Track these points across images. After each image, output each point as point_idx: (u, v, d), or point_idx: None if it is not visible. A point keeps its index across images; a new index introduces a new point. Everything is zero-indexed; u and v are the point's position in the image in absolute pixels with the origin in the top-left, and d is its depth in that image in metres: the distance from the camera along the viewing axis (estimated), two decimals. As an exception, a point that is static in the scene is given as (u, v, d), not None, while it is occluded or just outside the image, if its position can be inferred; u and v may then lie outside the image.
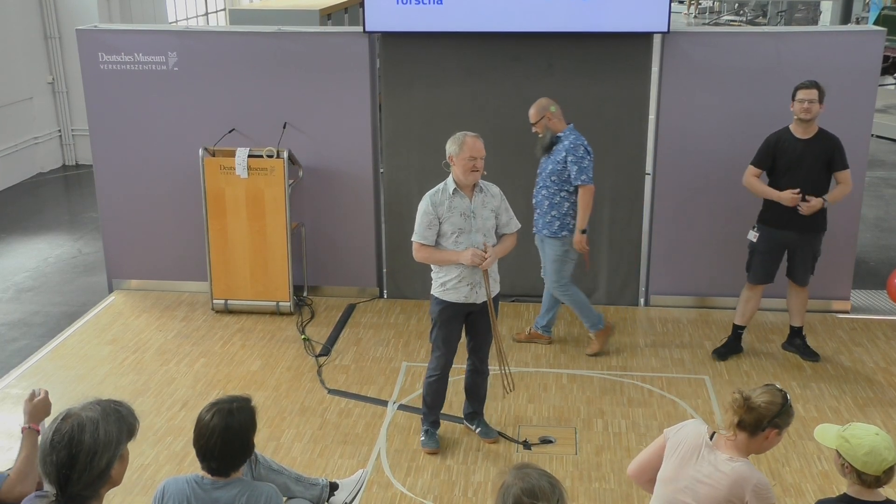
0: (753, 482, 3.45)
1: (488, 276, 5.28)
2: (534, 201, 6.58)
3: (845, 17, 17.25)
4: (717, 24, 24.82)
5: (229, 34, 7.70)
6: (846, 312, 7.43)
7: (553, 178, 6.39)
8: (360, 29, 7.20)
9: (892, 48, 14.43)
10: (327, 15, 13.00)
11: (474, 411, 5.70)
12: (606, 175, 7.36)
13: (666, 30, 6.89)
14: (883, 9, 16.27)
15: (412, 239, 5.33)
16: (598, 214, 7.43)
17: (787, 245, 6.39)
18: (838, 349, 6.83)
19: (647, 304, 7.62)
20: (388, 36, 7.25)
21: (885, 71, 14.71)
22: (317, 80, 7.31)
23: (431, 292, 5.41)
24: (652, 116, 7.35)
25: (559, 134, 6.41)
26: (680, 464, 3.61)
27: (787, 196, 6.17)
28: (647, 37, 7.09)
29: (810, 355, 6.62)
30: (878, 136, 12.60)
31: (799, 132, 6.22)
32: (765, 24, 22.74)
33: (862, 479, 3.37)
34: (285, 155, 7.17)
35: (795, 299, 6.59)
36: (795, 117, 6.19)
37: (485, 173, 5.30)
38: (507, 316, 7.35)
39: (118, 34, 7.52)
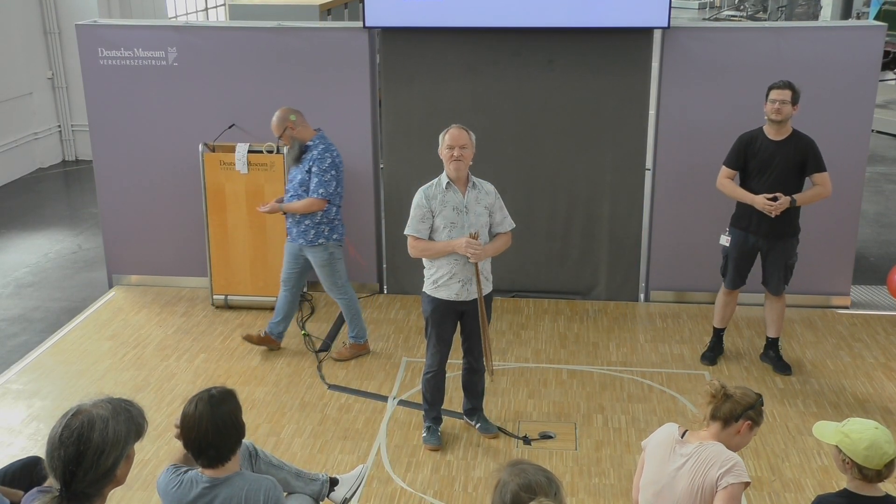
0: (723, 458, 3.45)
1: (479, 273, 5.25)
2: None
3: (846, 12, 17.20)
4: (717, 20, 24.79)
5: (229, 29, 7.69)
6: (846, 308, 7.43)
7: (303, 188, 6.26)
8: (360, 24, 7.19)
9: (893, 43, 14.40)
10: (327, 10, 12.98)
11: (473, 407, 5.70)
12: (606, 171, 7.36)
13: (666, 25, 6.88)
14: (883, 4, 16.24)
15: (406, 232, 5.33)
16: (598, 210, 7.44)
17: (759, 250, 6.24)
18: (838, 345, 6.83)
19: (646, 299, 7.62)
20: (388, 31, 7.24)
21: (886, 66, 14.68)
22: (317, 76, 7.30)
23: (423, 290, 5.40)
24: (652, 112, 7.35)
25: (308, 143, 6.29)
26: (657, 466, 3.63)
27: (761, 201, 5.98)
28: (647, 32, 7.08)
29: (782, 369, 6.41)
30: (878, 132, 12.58)
31: (772, 133, 6.06)
32: (765, 20, 22.71)
33: (863, 473, 3.37)
34: (285, 150, 7.16)
35: (770, 309, 6.41)
36: (767, 118, 6.04)
37: (471, 164, 5.26)
38: (507, 311, 7.35)
39: (118, 29, 7.51)
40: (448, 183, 5.24)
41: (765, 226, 6.09)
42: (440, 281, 5.27)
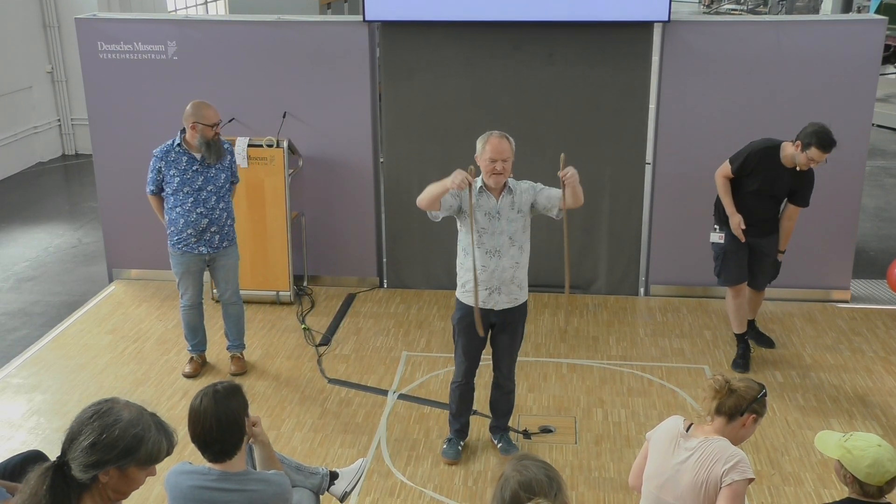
0: (728, 454, 3.45)
1: (478, 283, 4.97)
2: (205, 222, 5.94)
3: (846, 5, 17.17)
4: (717, 13, 24.74)
5: (229, 23, 7.68)
6: (846, 302, 7.44)
7: (227, 186, 6.04)
8: (359, 18, 7.18)
9: (894, 37, 14.37)
10: (327, 4, 12.97)
11: (497, 425, 5.48)
12: (606, 165, 7.35)
13: (666, 19, 6.87)
14: (884, -3, 16.20)
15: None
16: (598, 204, 7.43)
17: (751, 246, 6.22)
18: (838, 339, 6.83)
19: (646, 293, 7.62)
20: (387, 25, 7.23)
21: (886, 60, 14.66)
22: (317, 70, 7.30)
23: (455, 293, 5.20)
24: (652, 106, 7.34)
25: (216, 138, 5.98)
26: (661, 459, 3.63)
27: (736, 223, 6.01)
28: (647, 26, 7.07)
29: (765, 343, 6.58)
30: (878, 126, 12.58)
31: (788, 162, 5.98)
32: (766, 13, 22.66)
33: (864, 489, 3.36)
34: (285, 144, 7.16)
35: (752, 301, 6.50)
36: (796, 163, 5.91)
37: (512, 175, 5.00)
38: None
39: (117, 23, 7.50)
40: (481, 188, 4.97)
41: (756, 227, 6.14)
42: (468, 286, 5.03)
